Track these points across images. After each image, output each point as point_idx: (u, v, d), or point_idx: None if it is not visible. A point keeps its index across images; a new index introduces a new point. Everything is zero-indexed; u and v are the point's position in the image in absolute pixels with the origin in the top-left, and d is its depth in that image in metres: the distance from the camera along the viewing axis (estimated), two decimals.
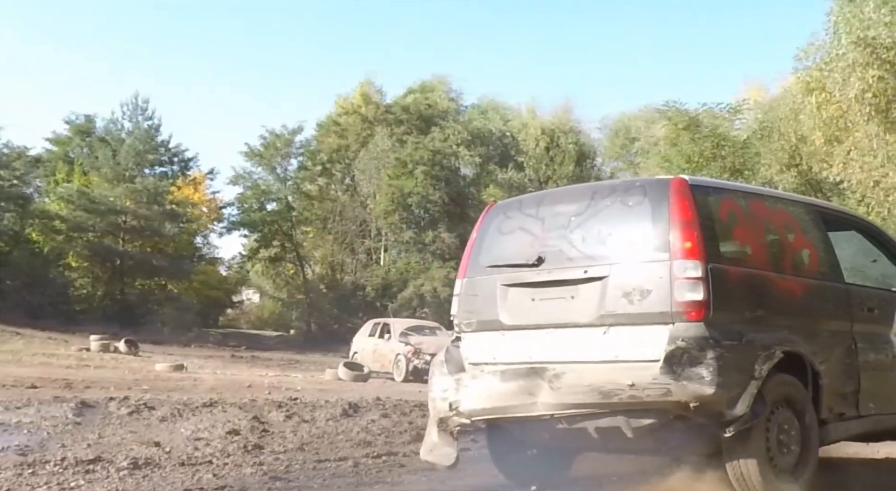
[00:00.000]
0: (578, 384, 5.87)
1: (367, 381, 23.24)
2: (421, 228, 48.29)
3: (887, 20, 21.97)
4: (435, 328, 28.56)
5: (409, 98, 52.48)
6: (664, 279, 5.73)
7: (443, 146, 47.93)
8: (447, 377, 6.70)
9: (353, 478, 7.82)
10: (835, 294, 6.80)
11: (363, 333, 28.54)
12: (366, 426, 11.09)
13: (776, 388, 5.91)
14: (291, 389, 18.16)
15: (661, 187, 6.09)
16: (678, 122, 32.93)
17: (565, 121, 56.10)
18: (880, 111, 22.70)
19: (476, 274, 6.89)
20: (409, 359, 24.97)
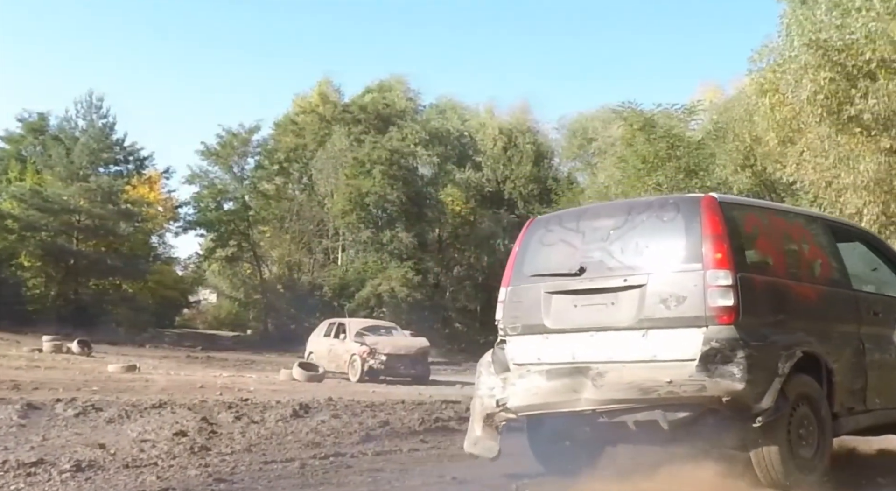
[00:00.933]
0: (620, 382, 6.57)
1: (321, 381, 23.14)
2: (379, 228, 48.24)
3: (838, 23, 22.17)
4: (391, 328, 28.53)
5: (366, 97, 52.43)
6: (698, 287, 6.46)
7: (401, 146, 47.89)
8: (494, 377, 7.42)
9: (298, 479, 7.78)
10: (845, 300, 7.56)
11: (318, 333, 28.42)
12: (315, 427, 11.04)
13: (796, 387, 6.61)
14: (244, 389, 18.05)
15: (694, 204, 6.85)
16: (634, 123, 33.20)
17: (523, 121, 56.22)
18: (832, 113, 22.88)
19: (520, 282, 7.60)
20: (365, 359, 24.91)
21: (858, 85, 22.08)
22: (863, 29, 21.50)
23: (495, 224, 50.62)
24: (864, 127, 22.63)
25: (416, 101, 54.16)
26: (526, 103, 58.19)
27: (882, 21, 21.20)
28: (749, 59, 26.39)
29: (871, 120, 22.16)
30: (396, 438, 10.50)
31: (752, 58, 26.36)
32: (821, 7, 23.04)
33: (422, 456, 9.29)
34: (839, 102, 22.54)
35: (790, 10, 24.49)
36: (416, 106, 53.96)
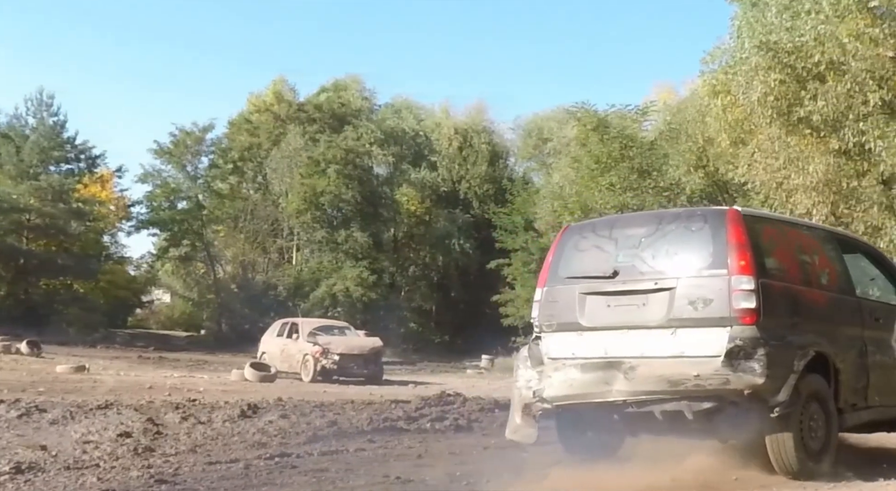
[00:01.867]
0: (650, 375, 7.25)
1: (273, 381, 23.00)
2: (334, 228, 48.10)
3: (788, 25, 22.38)
4: (344, 328, 28.44)
5: (322, 96, 52.21)
6: (723, 290, 7.18)
7: (356, 145, 47.77)
8: (530, 370, 8.06)
9: (241, 480, 7.71)
10: (850, 306, 8.34)
11: (271, 332, 28.26)
12: (262, 427, 10.94)
13: (808, 384, 7.36)
14: (194, 390, 17.91)
15: (720, 216, 7.66)
16: (587, 123, 33.31)
17: (479, 121, 56.31)
18: (782, 114, 23.08)
19: (555, 284, 8.23)
20: (318, 359, 24.81)
21: (808, 87, 22.29)
22: (812, 31, 21.71)
23: (450, 224, 50.65)
24: (814, 128, 22.85)
25: (372, 101, 54.15)
26: (482, 103, 58.37)
27: (831, 24, 21.43)
28: (701, 60, 26.58)
29: (821, 121, 22.37)
30: (344, 438, 10.44)
31: (705, 59, 26.56)
32: (771, 9, 23.23)
33: (368, 456, 9.25)
34: (789, 104, 22.74)
35: (741, 12, 24.68)
36: (371, 105, 53.86)
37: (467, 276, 51.06)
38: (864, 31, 21.07)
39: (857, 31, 21.11)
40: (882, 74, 21.58)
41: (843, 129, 22.31)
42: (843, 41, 21.30)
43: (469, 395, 16.51)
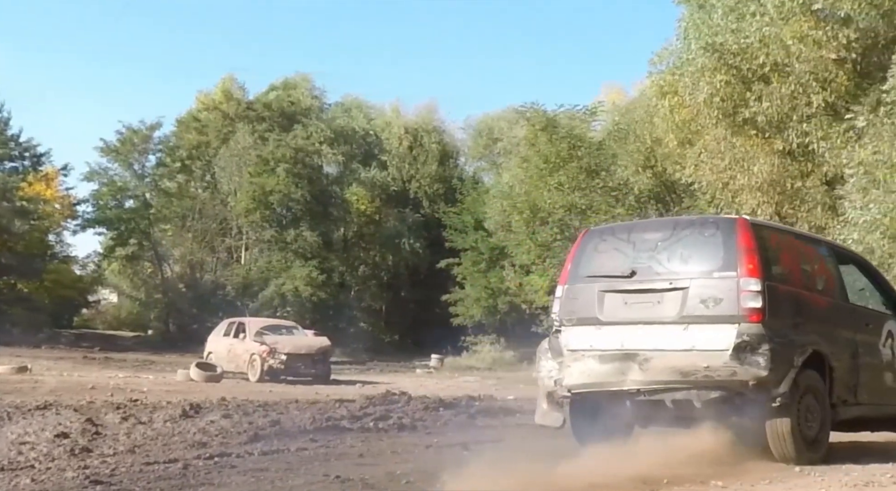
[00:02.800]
0: (663, 366, 8.00)
1: (220, 381, 22.80)
2: (283, 227, 47.77)
3: (734, 27, 22.61)
4: (292, 327, 28.25)
5: (271, 95, 51.80)
6: (733, 291, 7.90)
7: (305, 144, 47.48)
8: (551, 361, 8.77)
9: (179, 480, 7.61)
10: (845, 311, 9.12)
11: (218, 332, 27.99)
12: (204, 427, 10.82)
13: (805, 379, 8.07)
14: (137, 390, 17.71)
15: (731, 223, 8.43)
16: (536, 123, 33.48)
17: (429, 120, 56.24)
18: (728, 115, 23.32)
19: (576, 282, 8.89)
20: (265, 359, 24.63)
21: (753, 88, 22.55)
22: (757, 33, 21.96)
23: (400, 223, 50.57)
24: (759, 129, 23.13)
25: (322, 100, 53.68)
26: (432, 103, 58.33)
27: (775, 26, 21.68)
28: (649, 61, 26.86)
29: (765, 122, 22.65)
30: (286, 437, 10.35)
31: (653, 60, 26.81)
32: (717, 11, 23.46)
33: (309, 455, 9.19)
34: (735, 105, 22.99)
35: (688, 13, 24.90)
36: (321, 104, 53.45)
37: (417, 275, 51.04)
38: (807, 34, 21.34)
39: (800, 34, 21.37)
40: (825, 76, 21.87)
41: (787, 130, 22.60)
42: (788, 43, 21.57)
43: (416, 394, 16.50)
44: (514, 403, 15.99)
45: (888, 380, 9.35)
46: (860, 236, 18.91)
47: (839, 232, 20.30)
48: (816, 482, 7.22)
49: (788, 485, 7.12)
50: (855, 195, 19.57)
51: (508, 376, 29.45)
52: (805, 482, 7.25)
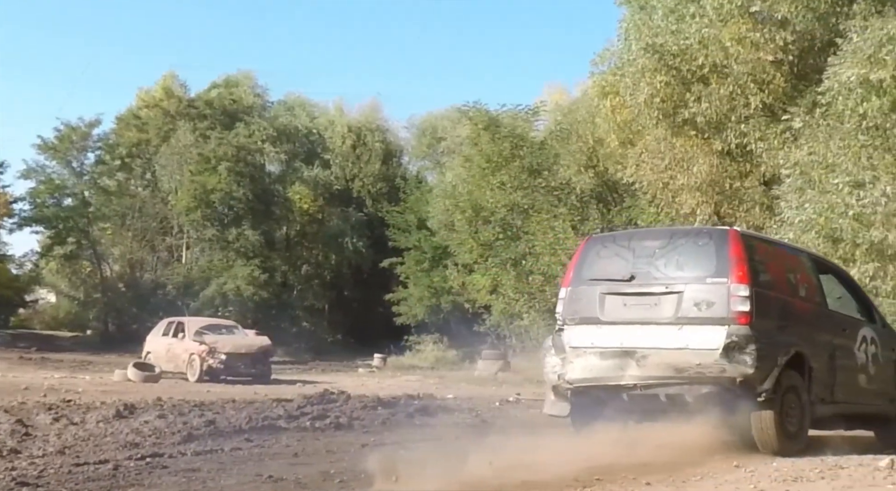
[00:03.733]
0: (659, 363, 8.70)
1: (157, 381, 22.52)
2: (224, 226, 47.28)
3: (674, 28, 22.79)
4: (232, 327, 27.95)
5: (212, 92, 51.22)
6: (724, 295, 8.63)
7: (247, 142, 47.05)
8: (555, 357, 9.44)
9: (108, 481, 7.50)
10: (825, 316, 9.89)
11: (157, 332, 27.64)
12: (137, 428, 10.68)
13: (787, 377, 8.78)
14: (72, 390, 17.43)
15: (723, 234, 9.26)
16: (479, 123, 33.54)
17: (372, 119, 56.03)
18: (667, 115, 23.50)
19: (579, 285, 9.60)
20: (204, 358, 24.35)
21: (692, 89, 22.75)
22: (696, 35, 22.16)
23: (344, 222, 50.33)
24: (698, 130, 23.35)
25: (264, 98, 53.11)
26: (376, 102, 58.08)
27: (714, 27, 21.90)
28: (591, 62, 27.04)
29: (704, 123, 22.87)
30: (220, 437, 10.27)
31: (594, 61, 27.00)
32: (658, 12, 23.65)
33: (243, 455, 9.11)
34: (675, 106, 23.17)
35: (629, 14, 25.08)
36: (263, 102, 52.92)
37: (360, 274, 50.86)
38: (745, 36, 21.59)
39: (739, 35, 21.62)
40: (763, 78, 22.13)
41: (725, 130, 22.85)
42: (726, 45, 21.80)
43: (355, 393, 16.43)
44: (454, 402, 16.00)
45: (862, 381, 10.08)
46: (796, 236, 19.13)
47: (775, 232, 20.56)
48: (746, 477, 7.29)
49: (718, 481, 7.19)
50: (791, 195, 19.80)
51: (450, 375, 29.47)
52: (735, 477, 7.32)
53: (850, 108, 18.42)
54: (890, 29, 17.91)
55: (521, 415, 14.03)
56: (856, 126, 18.63)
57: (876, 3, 20.54)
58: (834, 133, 19.25)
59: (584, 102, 32.12)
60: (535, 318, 31.52)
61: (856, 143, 18.74)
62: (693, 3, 22.59)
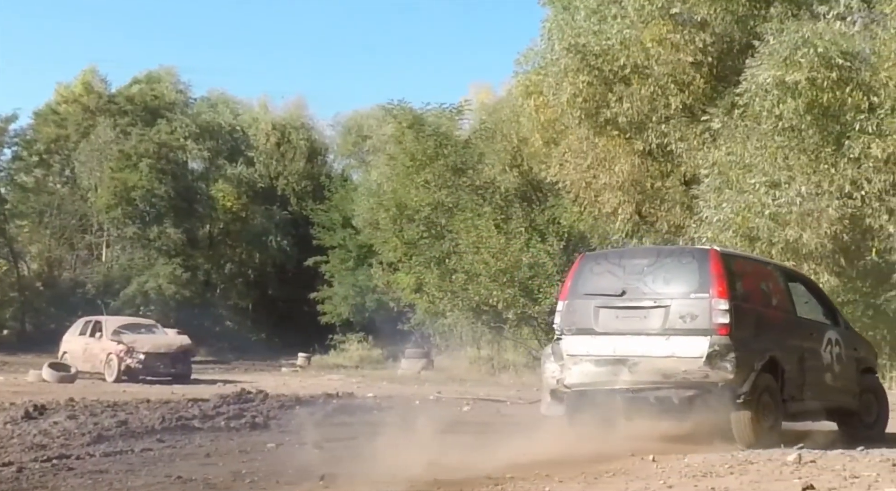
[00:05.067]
0: (649, 369, 9.61)
1: (73, 381, 22.09)
2: (146, 223, 46.54)
3: (596, 28, 22.95)
4: (151, 326, 27.47)
5: (134, 88, 50.38)
6: (706, 309, 9.58)
7: (169, 139, 46.37)
8: (554, 364, 10.34)
9: (11, 484, 7.30)
10: (794, 323, 10.85)
11: (73, 331, 27.05)
12: (45, 429, 10.42)
13: (762, 380, 9.72)
14: None
15: (704, 253, 10.27)
16: (403, 121, 33.39)
17: (297, 117, 55.59)
18: (590, 115, 23.67)
19: (575, 298, 10.51)
20: (122, 358, 23.90)
21: (614, 89, 22.94)
22: (618, 35, 22.34)
23: (268, 220, 49.86)
24: (620, 129, 23.55)
25: (187, 94, 52.27)
26: (301, 99, 57.64)
27: (636, 28, 22.11)
28: (515, 61, 27.11)
29: (626, 123, 23.07)
30: (132, 438, 10.07)
31: (518, 60, 27.07)
32: (580, 13, 23.79)
33: (154, 456, 8.93)
34: (597, 105, 23.34)
35: (553, 14, 25.20)
36: (186, 99, 52.09)
37: (285, 273, 50.43)
38: (666, 37, 21.83)
39: (659, 37, 21.85)
40: (683, 79, 22.39)
41: (646, 130, 23.07)
42: (647, 46, 22.01)
43: (276, 392, 16.28)
44: (373, 401, 15.91)
45: (828, 379, 10.98)
46: (714, 235, 19.43)
47: (695, 231, 20.84)
48: (657, 473, 7.35)
49: (630, 477, 7.23)
50: (709, 195, 20.10)
51: (374, 374, 29.37)
52: (646, 474, 7.37)
53: (767, 110, 18.76)
54: (805, 32, 18.28)
55: (441, 413, 13.96)
56: (772, 127, 18.98)
57: (792, 6, 20.96)
58: (751, 134, 19.60)
59: (509, 102, 32.20)
60: (459, 316, 31.55)
61: (772, 143, 19.10)
62: (615, 5, 22.80)
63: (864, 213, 18.62)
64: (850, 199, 18.50)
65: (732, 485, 6.80)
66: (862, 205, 18.55)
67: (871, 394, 11.78)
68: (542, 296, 27.98)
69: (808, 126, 18.74)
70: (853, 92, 18.29)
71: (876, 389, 12.09)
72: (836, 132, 18.77)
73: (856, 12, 19.73)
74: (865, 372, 11.90)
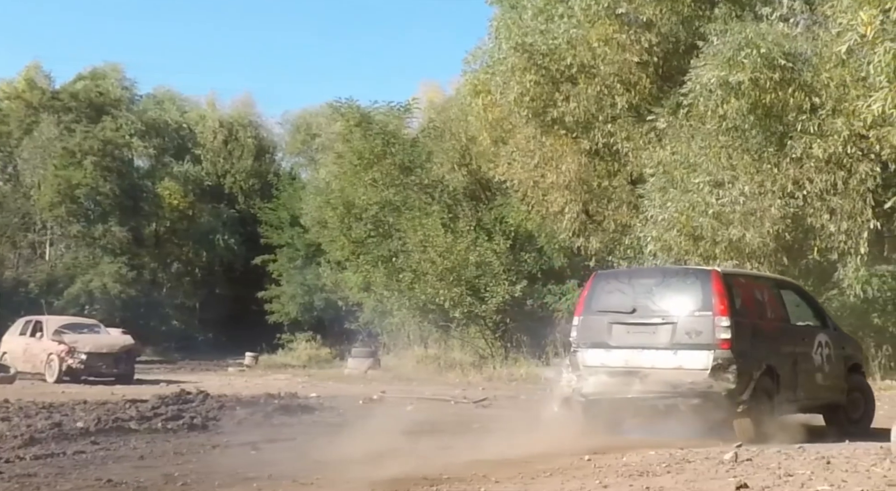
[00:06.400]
0: (658, 380, 10.56)
1: (13, 382, 21.65)
2: (90, 222, 45.90)
3: (543, 28, 23.00)
4: (93, 326, 26.97)
5: (78, 85, 49.61)
6: (709, 326, 10.50)
7: (115, 136, 45.76)
8: (571, 374, 11.38)
9: None
10: (787, 331, 11.84)
11: (13, 331, 26.47)
12: None
13: (761, 385, 10.68)
14: None
15: (707, 273, 11.10)
16: (350, 119, 33.28)
17: (245, 114, 55.15)
18: (537, 114, 23.75)
19: (589, 314, 11.46)
20: (63, 358, 23.45)
21: (561, 88, 23.03)
22: (565, 35, 22.41)
23: (215, 219, 49.47)
24: (567, 129, 23.63)
25: (132, 91, 51.53)
26: (249, 97, 57.23)
27: (582, 28, 22.17)
28: (464, 60, 27.09)
29: (573, 122, 23.16)
30: (65, 440, 9.87)
31: (467, 59, 27.07)
32: (528, 12, 23.86)
33: (86, 458, 8.75)
34: (544, 105, 23.42)
35: (500, 13, 25.26)
36: (132, 95, 51.41)
37: (233, 272, 50.04)
38: (612, 37, 21.94)
39: (606, 36, 21.96)
40: (629, 79, 22.52)
41: (593, 130, 23.18)
42: (594, 45, 22.10)
43: (219, 392, 16.11)
44: (316, 401, 15.76)
45: (818, 379, 11.89)
46: (658, 234, 19.56)
47: (640, 230, 20.95)
48: (594, 473, 7.32)
49: (567, 477, 7.20)
50: (654, 194, 20.21)
51: (321, 373, 29.16)
52: (583, 473, 7.34)
53: (711, 110, 18.90)
54: (748, 33, 18.43)
55: (384, 413, 13.87)
56: (716, 127, 19.14)
57: (736, 7, 21.16)
58: (696, 134, 19.74)
59: (458, 101, 32.20)
60: (406, 315, 31.48)
61: (716, 143, 19.25)
62: (562, 4, 22.86)
63: (805, 212, 18.81)
64: (792, 199, 18.69)
65: (667, 484, 6.78)
66: (804, 204, 18.75)
67: (858, 392, 12.72)
68: (489, 295, 28.01)
69: (751, 126, 18.92)
70: (795, 93, 18.46)
71: (863, 387, 13.00)
72: (778, 132, 18.96)
73: (798, 14, 19.98)
74: (853, 369, 12.86)
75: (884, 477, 7.03)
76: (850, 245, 18.67)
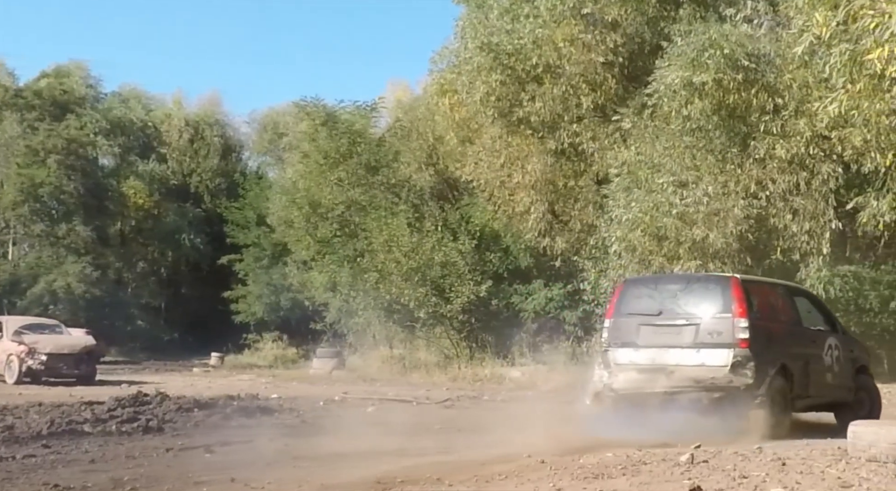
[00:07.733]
0: (683, 376, 11.50)
1: None
2: (54, 221, 45.44)
3: (509, 27, 22.97)
4: (54, 326, 26.63)
5: (42, 82, 49.05)
6: (729, 327, 11.39)
7: (79, 135, 45.29)
8: (603, 371, 12.24)
9: None
10: (800, 333, 12.67)
11: None
12: None
13: (775, 383, 11.50)
14: None
15: (727, 280, 12.20)
16: (316, 118, 33.15)
17: (212, 113, 54.81)
18: (503, 114, 23.73)
19: (619, 317, 12.35)
20: (23, 359, 23.14)
21: (527, 88, 23.01)
22: (530, 35, 22.37)
23: (181, 218, 49.13)
24: (533, 129, 23.64)
25: (97, 89, 50.94)
26: (215, 95, 56.90)
27: (548, 28, 22.13)
28: (430, 59, 27.08)
29: (539, 122, 23.15)
30: (16, 443, 9.69)
31: (433, 59, 27.08)
32: (493, 12, 23.82)
33: (35, 462, 8.59)
34: (510, 104, 23.40)
35: (466, 13, 25.20)
36: (96, 94, 50.81)
37: (199, 271, 49.74)
38: (577, 37, 21.93)
39: (571, 37, 21.94)
40: (595, 79, 22.51)
41: (559, 130, 23.18)
42: (559, 45, 22.08)
43: (181, 394, 15.92)
44: (277, 402, 15.64)
45: (828, 378, 12.72)
46: (623, 234, 19.55)
47: (605, 230, 20.95)
48: (549, 475, 7.27)
49: (522, 479, 7.14)
50: (619, 194, 20.23)
51: (285, 374, 29.02)
52: (538, 476, 7.29)
53: (675, 110, 18.89)
54: (712, 34, 18.43)
55: (344, 415, 13.77)
56: (680, 127, 19.13)
57: (700, 8, 21.19)
58: (660, 134, 19.74)
59: (425, 100, 32.18)
60: (371, 315, 31.37)
61: (680, 143, 19.26)
62: (527, 4, 22.83)
63: (769, 213, 18.84)
64: (755, 200, 18.71)
65: (621, 487, 6.74)
66: (767, 205, 18.78)
67: (865, 392, 13.50)
68: (454, 295, 27.94)
69: (715, 127, 18.92)
70: (759, 93, 18.47)
71: (869, 387, 13.78)
72: (742, 133, 18.97)
73: (762, 15, 19.99)
74: (860, 370, 13.67)
75: (838, 478, 7.04)
76: (812, 245, 18.72)
